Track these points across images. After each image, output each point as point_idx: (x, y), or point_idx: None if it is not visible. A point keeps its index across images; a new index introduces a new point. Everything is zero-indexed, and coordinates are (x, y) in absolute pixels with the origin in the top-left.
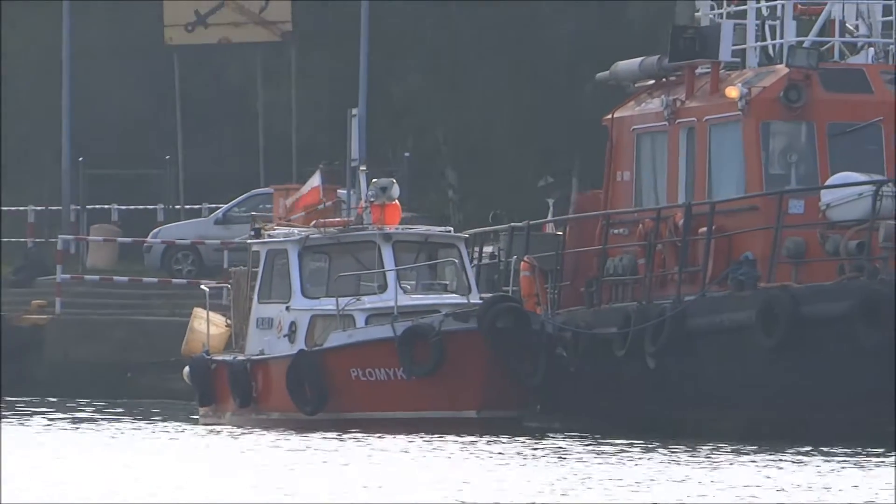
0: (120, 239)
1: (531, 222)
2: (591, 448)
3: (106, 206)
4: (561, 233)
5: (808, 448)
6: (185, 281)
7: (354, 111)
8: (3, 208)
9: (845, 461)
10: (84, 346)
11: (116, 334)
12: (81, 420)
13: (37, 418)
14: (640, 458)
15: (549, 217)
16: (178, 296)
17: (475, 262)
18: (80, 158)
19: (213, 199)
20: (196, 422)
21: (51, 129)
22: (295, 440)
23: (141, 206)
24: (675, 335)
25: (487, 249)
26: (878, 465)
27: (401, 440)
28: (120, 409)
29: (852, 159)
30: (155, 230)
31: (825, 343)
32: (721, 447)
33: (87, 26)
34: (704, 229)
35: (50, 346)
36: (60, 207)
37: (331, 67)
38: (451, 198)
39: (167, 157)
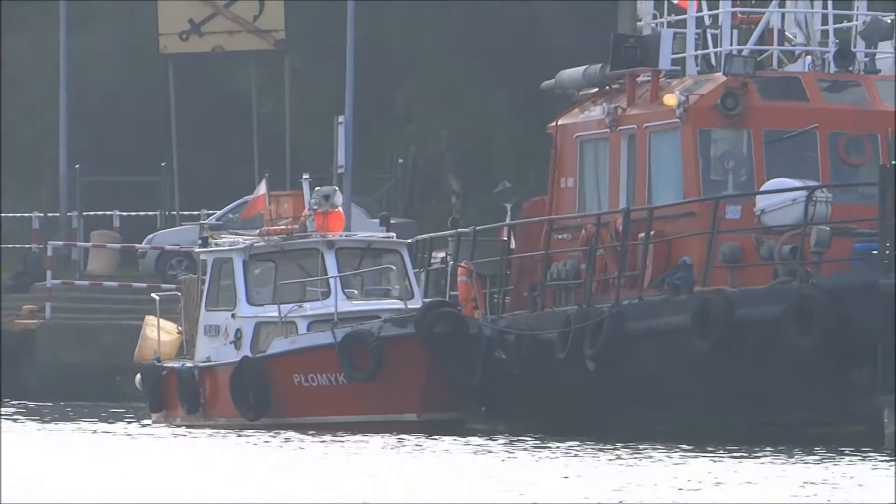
0: (110, 245)
1: (477, 228)
2: (523, 448)
3: (108, 213)
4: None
5: (739, 447)
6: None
7: (341, 118)
8: (7, 215)
9: (769, 461)
10: (74, 350)
11: (106, 339)
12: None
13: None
14: (572, 458)
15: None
16: (169, 300)
17: (427, 267)
18: (77, 166)
19: (211, 206)
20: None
21: (50, 136)
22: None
23: (142, 213)
24: (612, 338)
25: (441, 255)
26: (806, 465)
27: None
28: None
29: (788, 165)
30: (149, 236)
31: (758, 346)
32: (657, 447)
33: (83, 34)
34: (644, 234)
35: (41, 350)
36: (59, 214)
37: (326, 74)
38: (454, 204)
39: (163, 164)
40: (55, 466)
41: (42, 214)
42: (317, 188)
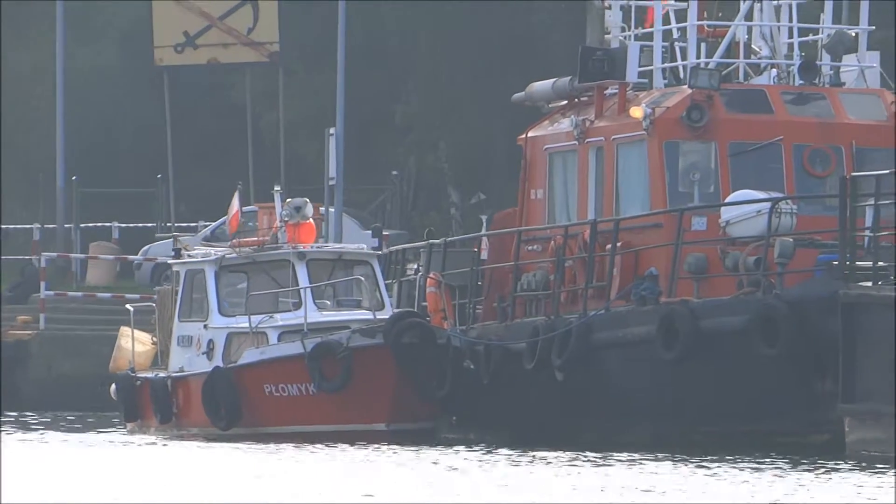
0: (103, 256)
1: (447, 239)
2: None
3: (107, 224)
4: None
5: (710, 457)
6: None
7: (332, 130)
8: (8, 226)
9: (734, 469)
10: (67, 361)
11: (98, 349)
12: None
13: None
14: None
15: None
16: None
17: (400, 278)
18: (74, 177)
19: (209, 217)
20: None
21: (49, 148)
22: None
23: (140, 224)
24: (580, 348)
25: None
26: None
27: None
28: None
29: (754, 177)
30: (144, 248)
31: (723, 356)
32: (624, 457)
33: (81, 46)
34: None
35: (34, 360)
36: (56, 225)
37: (323, 85)
38: (452, 215)
39: (159, 176)
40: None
41: (41, 226)
42: (288, 200)
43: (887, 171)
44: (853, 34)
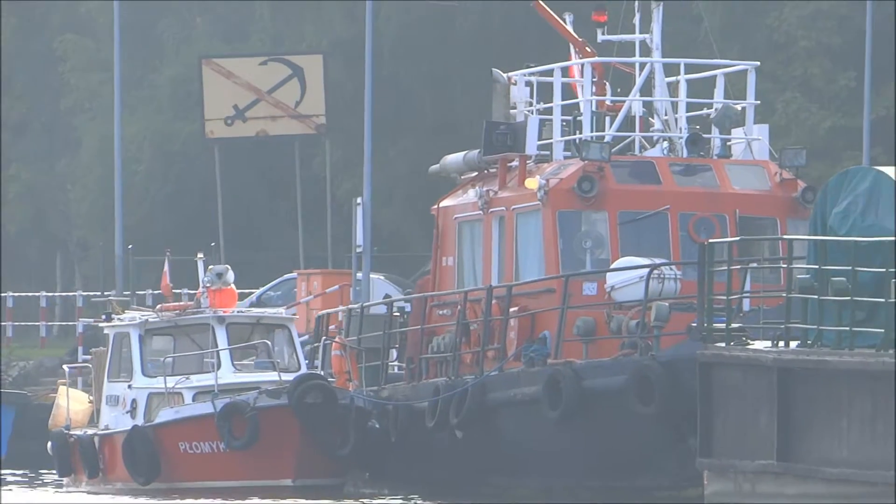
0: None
1: (364, 305)
2: None
3: (157, 292)
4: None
5: None
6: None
7: (359, 200)
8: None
9: None
10: None
11: None
12: None
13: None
14: None
15: None
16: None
17: (323, 341)
18: (130, 246)
19: (261, 283)
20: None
21: (104, 218)
22: None
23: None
24: (475, 407)
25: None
26: None
27: None
28: None
29: (642, 244)
30: None
31: (604, 414)
32: None
33: (135, 120)
34: (513, 309)
35: None
36: (114, 293)
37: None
38: None
39: (212, 244)
40: None
41: (88, 293)
42: (210, 266)
43: (737, 238)
44: (739, 108)
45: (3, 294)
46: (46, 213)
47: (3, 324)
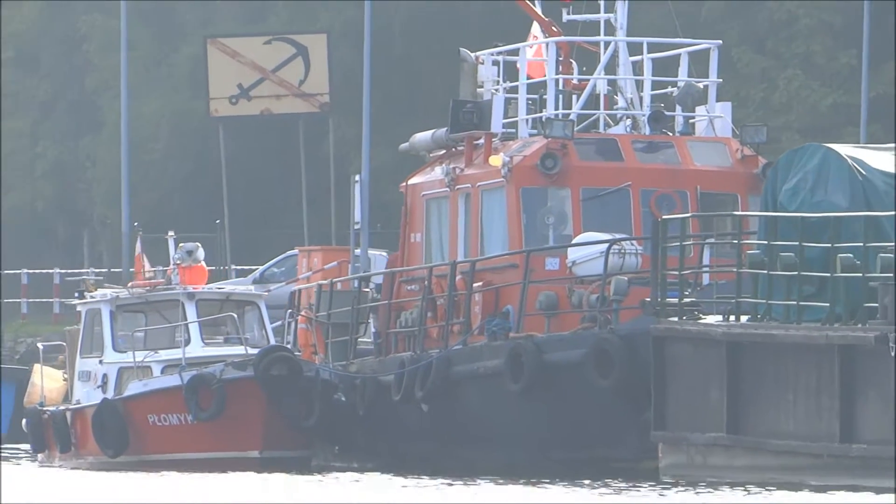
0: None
1: (333, 280)
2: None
3: (165, 269)
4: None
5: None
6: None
7: (357, 177)
8: (64, 270)
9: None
10: None
11: None
12: None
13: None
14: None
15: None
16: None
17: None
18: (136, 223)
19: (261, 260)
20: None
21: (110, 195)
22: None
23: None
24: (439, 380)
25: None
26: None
27: None
28: None
29: (604, 220)
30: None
31: (564, 387)
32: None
33: (139, 98)
34: (478, 284)
35: None
36: (121, 269)
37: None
38: None
39: (217, 221)
40: None
41: (102, 270)
42: (181, 244)
43: (690, 215)
44: (701, 86)
45: (18, 271)
46: (73, 191)
47: (16, 300)
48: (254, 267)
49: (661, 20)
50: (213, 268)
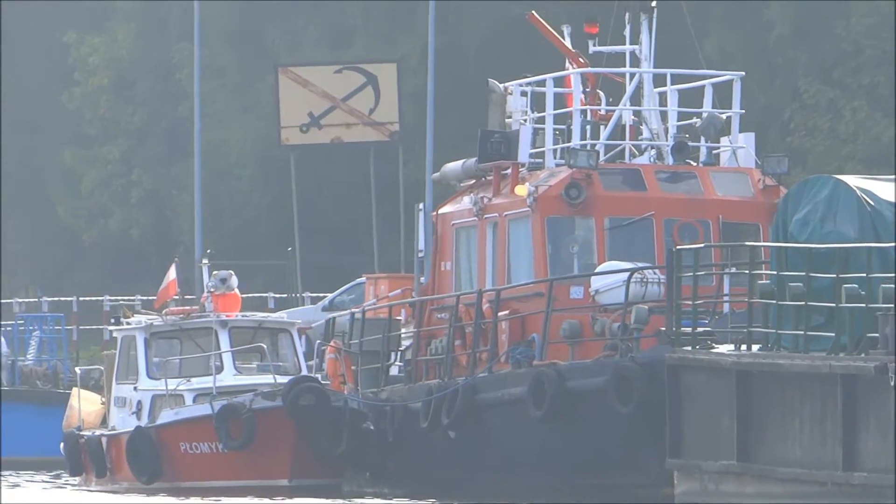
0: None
1: (366, 307)
2: None
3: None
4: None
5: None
6: None
7: (421, 205)
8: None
9: None
10: None
11: None
12: None
13: None
14: None
15: None
16: None
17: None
18: (209, 250)
19: (332, 288)
20: None
21: (184, 223)
22: None
23: (273, 294)
24: (465, 407)
25: None
26: None
27: None
28: None
29: (627, 250)
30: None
31: (586, 414)
32: None
33: (225, 125)
34: (504, 312)
35: None
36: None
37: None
38: None
39: (289, 249)
40: None
41: (138, 297)
42: (215, 272)
43: (703, 245)
44: (724, 117)
45: (69, 299)
46: (164, 218)
47: (98, 327)
48: (325, 294)
49: (691, 50)
50: (285, 295)
